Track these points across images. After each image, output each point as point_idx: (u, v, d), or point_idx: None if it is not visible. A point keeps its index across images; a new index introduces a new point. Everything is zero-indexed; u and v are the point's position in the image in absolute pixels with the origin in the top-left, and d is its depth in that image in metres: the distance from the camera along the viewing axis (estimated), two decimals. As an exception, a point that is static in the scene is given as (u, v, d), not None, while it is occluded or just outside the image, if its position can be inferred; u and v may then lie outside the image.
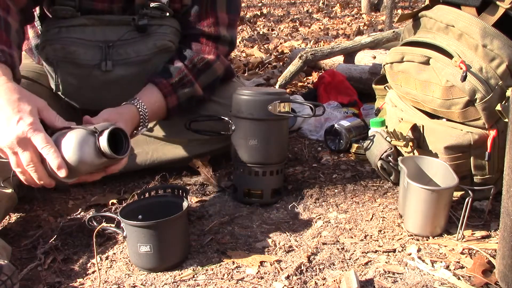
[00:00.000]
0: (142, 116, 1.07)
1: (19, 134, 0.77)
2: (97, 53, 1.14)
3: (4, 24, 0.93)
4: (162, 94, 1.14)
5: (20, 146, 0.78)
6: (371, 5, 6.65)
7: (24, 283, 0.87)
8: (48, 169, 0.80)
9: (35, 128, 0.78)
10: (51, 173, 0.80)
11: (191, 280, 0.86)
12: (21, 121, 0.77)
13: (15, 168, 0.81)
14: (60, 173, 0.79)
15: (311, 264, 0.90)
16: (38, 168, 0.80)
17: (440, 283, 0.83)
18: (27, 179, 0.82)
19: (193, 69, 1.20)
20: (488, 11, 1.01)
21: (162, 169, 1.31)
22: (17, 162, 0.80)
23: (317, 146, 1.58)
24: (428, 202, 0.96)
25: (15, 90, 0.81)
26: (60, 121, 0.84)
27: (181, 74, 1.18)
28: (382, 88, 1.40)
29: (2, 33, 0.91)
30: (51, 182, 0.82)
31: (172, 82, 1.16)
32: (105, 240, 1.02)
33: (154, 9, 1.18)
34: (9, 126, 0.77)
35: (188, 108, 1.23)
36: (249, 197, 1.17)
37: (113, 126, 0.83)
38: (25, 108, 0.79)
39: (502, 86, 0.98)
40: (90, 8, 1.15)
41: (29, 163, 0.79)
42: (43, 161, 0.80)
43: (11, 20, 0.97)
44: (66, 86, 1.17)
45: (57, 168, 0.78)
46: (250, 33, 4.74)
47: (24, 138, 0.77)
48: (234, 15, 1.30)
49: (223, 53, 1.29)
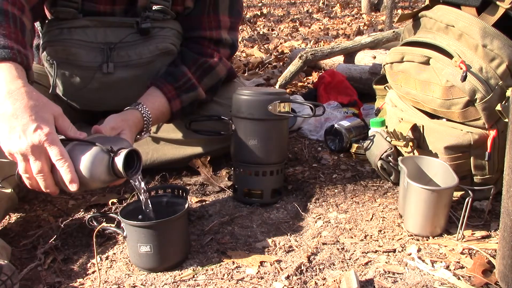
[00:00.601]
0: (146, 121, 1.07)
1: (35, 143, 0.76)
2: (98, 55, 1.14)
3: (20, 23, 0.92)
4: (166, 98, 1.13)
5: (33, 154, 0.77)
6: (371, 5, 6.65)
7: (24, 283, 0.87)
8: (57, 179, 0.80)
9: (52, 138, 0.77)
10: (59, 183, 0.81)
11: (191, 280, 0.86)
12: (39, 130, 0.76)
13: (22, 173, 0.80)
14: (71, 187, 0.79)
15: (311, 264, 0.90)
16: (48, 178, 0.79)
17: (440, 283, 0.83)
18: (32, 184, 0.82)
19: (196, 72, 1.20)
20: (488, 11, 1.01)
21: (162, 169, 1.32)
22: (26, 168, 0.79)
23: (317, 146, 1.58)
24: (428, 202, 0.96)
25: (32, 95, 0.79)
26: (72, 131, 0.83)
27: (184, 77, 1.18)
28: (382, 88, 1.40)
29: (18, 33, 0.89)
30: (56, 190, 0.82)
31: (176, 86, 1.15)
32: (105, 240, 1.02)
33: (157, 12, 1.17)
34: (25, 133, 0.76)
35: (190, 111, 1.23)
36: (249, 197, 1.17)
37: (130, 148, 0.84)
38: (42, 116, 0.78)
39: (502, 86, 0.98)
40: (92, 9, 1.15)
41: (40, 172, 0.78)
42: (53, 170, 0.79)
43: (25, 19, 0.95)
44: (67, 87, 1.17)
45: (69, 182, 0.78)
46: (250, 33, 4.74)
47: (39, 147, 0.76)
48: (236, 18, 1.30)
49: (225, 56, 1.29)
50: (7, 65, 0.81)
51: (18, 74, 0.81)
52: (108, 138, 0.89)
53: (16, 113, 0.77)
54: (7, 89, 0.78)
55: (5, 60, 0.82)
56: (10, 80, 0.79)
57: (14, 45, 0.85)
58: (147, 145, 1.32)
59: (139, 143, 1.30)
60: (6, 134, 0.77)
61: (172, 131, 1.31)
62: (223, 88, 1.34)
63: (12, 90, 0.78)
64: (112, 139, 0.88)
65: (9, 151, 0.78)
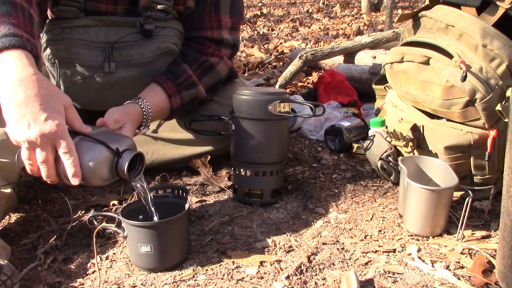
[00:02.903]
0: (145, 116, 1.07)
1: (44, 132, 0.75)
2: (100, 54, 1.14)
3: (28, 15, 0.91)
4: (166, 94, 1.13)
5: (41, 144, 0.76)
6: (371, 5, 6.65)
7: (24, 283, 0.87)
8: (59, 170, 0.80)
9: (62, 130, 0.76)
10: (60, 174, 0.80)
11: (191, 280, 0.86)
12: (50, 120, 0.75)
13: (25, 159, 0.79)
14: (73, 181, 0.78)
15: (311, 264, 0.90)
16: (51, 168, 0.79)
17: (440, 283, 0.83)
18: (33, 170, 0.80)
19: (197, 70, 1.20)
20: (488, 11, 1.01)
21: (162, 169, 1.32)
22: (31, 156, 0.78)
23: (317, 146, 1.58)
24: (428, 202, 0.96)
25: (43, 84, 0.78)
26: (79, 124, 0.83)
27: (185, 75, 1.18)
28: (382, 88, 1.40)
29: (27, 24, 0.89)
30: (56, 180, 0.81)
31: (176, 83, 1.16)
32: (105, 240, 1.02)
33: (158, 12, 1.17)
34: (35, 122, 0.75)
35: (190, 109, 1.23)
36: (249, 197, 1.17)
37: (135, 152, 0.84)
38: (53, 106, 0.77)
39: (502, 86, 0.98)
40: (94, 9, 1.15)
41: (44, 162, 0.78)
42: (56, 160, 0.79)
43: (33, 12, 0.95)
44: (68, 86, 1.17)
45: (72, 176, 0.78)
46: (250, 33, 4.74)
47: (48, 138, 0.76)
48: (237, 18, 1.30)
49: (226, 55, 1.29)
50: (17, 53, 0.80)
51: (28, 61, 0.80)
52: (113, 135, 0.89)
53: (27, 101, 0.75)
54: (18, 77, 0.77)
55: (15, 47, 0.81)
56: (21, 68, 0.78)
57: (23, 33, 0.84)
58: (147, 145, 1.32)
59: (139, 143, 1.29)
60: (14, 122, 0.76)
61: (172, 131, 1.31)
62: (224, 88, 1.34)
63: (23, 78, 0.77)
64: (117, 137, 0.88)
65: (15, 139, 0.77)
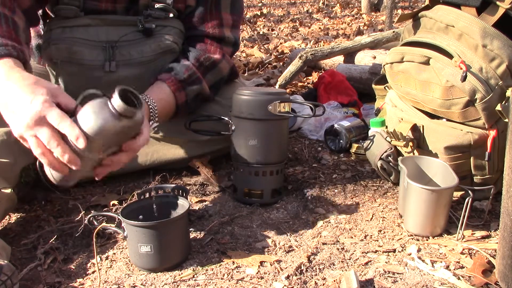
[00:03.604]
0: (152, 111, 1.07)
1: (34, 113, 0.75)
2: (101, 53, 1.14)
3: (12, 22, 0.93)
4: (171, 90, 1.14)
5: (37, 125, 0.76)
6: (371, 5, 6.65)
7: (24, 283, 0.87)
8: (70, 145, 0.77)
9: (49, 105, 0.76)
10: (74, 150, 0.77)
11: (191, 280, 0.86)
12: (34, 100, 0.76)
13: (36, 150, 0.78)
14: (79, 143, 0.74)
15: (311, 264, 0.90)
16: (60, 142, 0.76)
17: (440, 283, 0.83)
18: (50, 160, 0.78)
19: (200, 67, 1.21)
20: (488, 11, 1.01)
21: (162, 170, 1.32)
22: (37, 143, 0.77)
23: (317, 146, 1.58)
24: (428, 202, 0.96)
25: (29, 77, 0.81)
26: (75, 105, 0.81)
27: (189, 71, 1.18)
28: (382, 88, 1.40)
29: (11, 31, 0.91)
30: (76, 159, 0.78)
31: (181, 79, 1.16)
32: (105, 240, 1.02)
33: (158, 10, 1.17)
34: (23, 108, 0.76)
35: (194, 108, 1.23)
36: (249, 197, 1.17)
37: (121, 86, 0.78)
38: (38, 90, 0.78)
39: (502, 86, 0.98)
40: (93, 8, 1.15)
41: (49, 139, 0.76)
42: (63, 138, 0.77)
43: (17, 19, 0.96)
44: (69, 86, 1.17)
45: (76, 139, 0.74)
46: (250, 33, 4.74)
47: (39, 116, 0.75)
48: (238, 16, 1.30)
49: (227, 53, 1.29)
50: (4, 61, 0.84)
51: (15, 64, 0.84)
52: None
53: (14, 97, 0.78)
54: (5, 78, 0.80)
55: (1, 57, 0.84)
56: (8, 71, 0.82)
57: (8, 41, 0.87)
58: (147, 145, 1.31)
59: (139, 143, 1.30)
60: (12, 120, 0.78)
61: (172, 132, 1.31)
62: (224, 88, 1.34)
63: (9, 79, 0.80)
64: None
65: (19, 135, 0.78)
